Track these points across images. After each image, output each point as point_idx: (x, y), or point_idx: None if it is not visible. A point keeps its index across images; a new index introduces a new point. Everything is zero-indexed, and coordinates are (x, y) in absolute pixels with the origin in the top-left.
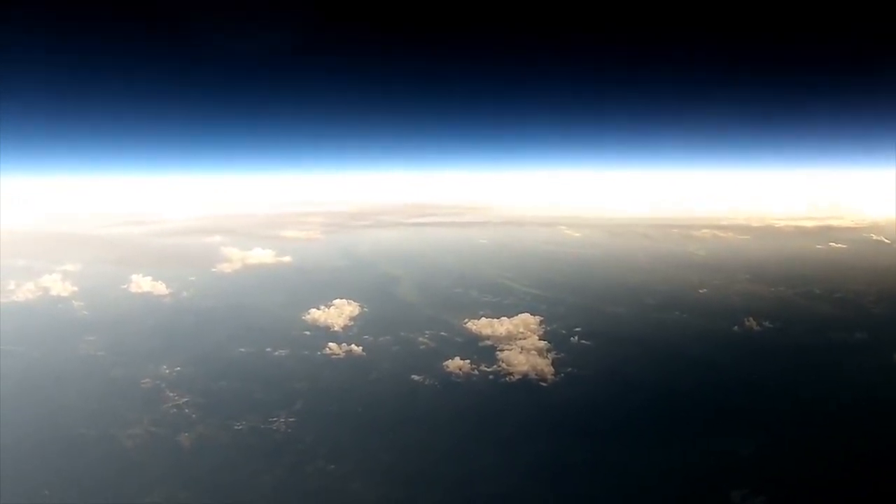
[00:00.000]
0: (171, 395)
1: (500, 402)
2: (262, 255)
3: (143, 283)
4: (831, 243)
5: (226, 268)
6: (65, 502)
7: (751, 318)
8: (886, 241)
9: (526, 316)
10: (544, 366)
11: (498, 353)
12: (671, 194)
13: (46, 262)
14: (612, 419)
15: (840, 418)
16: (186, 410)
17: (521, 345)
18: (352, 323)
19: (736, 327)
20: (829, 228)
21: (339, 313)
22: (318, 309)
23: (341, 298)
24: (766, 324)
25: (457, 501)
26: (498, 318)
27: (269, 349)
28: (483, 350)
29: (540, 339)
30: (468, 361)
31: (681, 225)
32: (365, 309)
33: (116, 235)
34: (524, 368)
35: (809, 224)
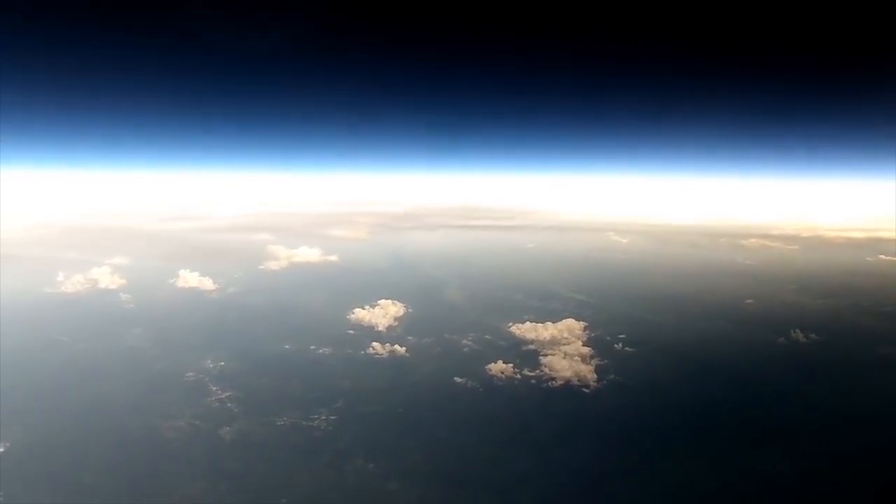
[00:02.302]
0: (214, 389)
1: (542, 407)
2: (308, 254)
3: (190, 279)
4: (881, 255)
5: (272, 265)
6: (105, 488)
7: (797, 331)
8: None
9: (570, 321)
10: (587, 372)
11: (541, 357)
12: (720, 203)
13: (96, 254)
14: (652, 429)
15: (884, 437)
16: (229, 405)
17: (565, 350)
18: (396, 323)
19: (782, 339)
20: (879, 240)
21: (383, 313)
22: (363, 308)
23: (386, 299)
24: (813, 336)
25: None
26: (542, 323)
27: (312, 347)
28: (526, 354)
29: (584, 345)
30: (511, 365)
31: (729, 234)
32: (409, 310)
33: (166, 231)
34: (567, 374)
35: (859, 235)
